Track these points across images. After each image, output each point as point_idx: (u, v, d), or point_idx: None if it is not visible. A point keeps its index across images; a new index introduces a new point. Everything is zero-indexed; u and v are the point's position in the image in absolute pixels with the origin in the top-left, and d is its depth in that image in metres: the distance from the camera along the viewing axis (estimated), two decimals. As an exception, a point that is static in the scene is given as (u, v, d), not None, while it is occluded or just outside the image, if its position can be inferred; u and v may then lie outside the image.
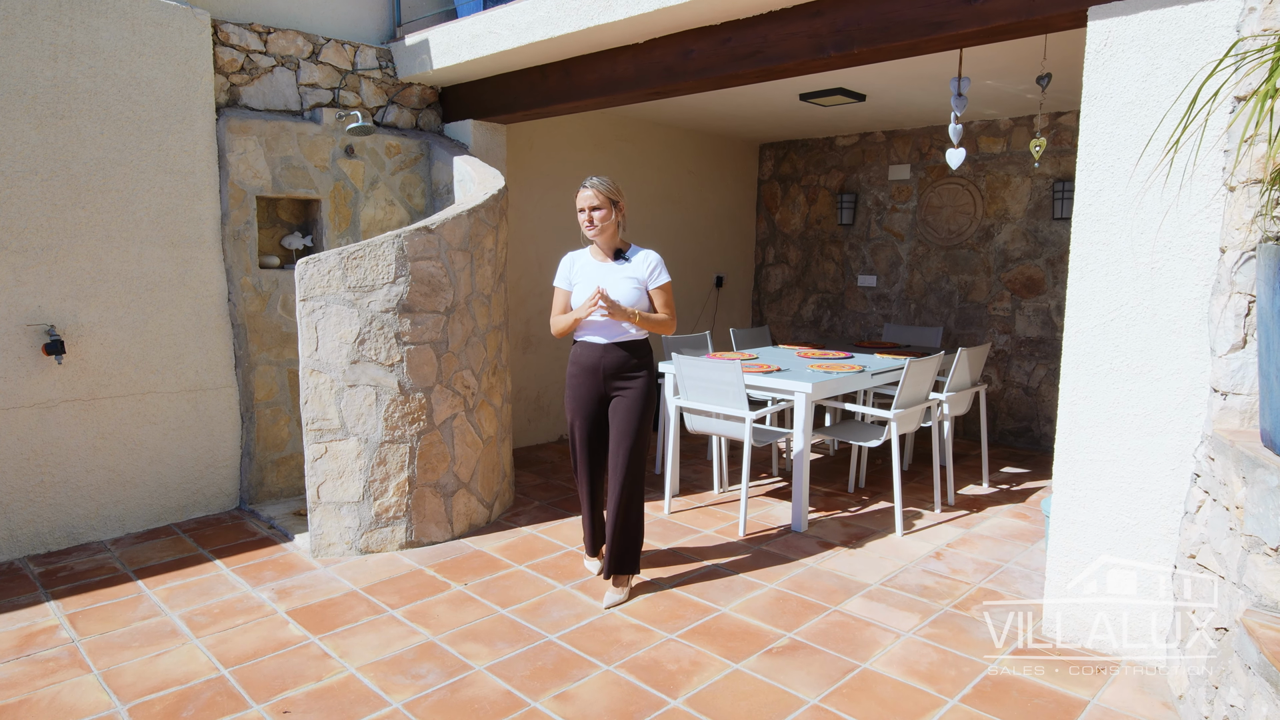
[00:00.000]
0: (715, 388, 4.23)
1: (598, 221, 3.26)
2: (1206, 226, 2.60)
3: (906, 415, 4.29)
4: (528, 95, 4.81)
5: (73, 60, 3.83)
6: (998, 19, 2.98)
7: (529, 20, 4.15)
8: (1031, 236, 6.14)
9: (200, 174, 4.28)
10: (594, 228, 3.27)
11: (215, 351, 4.41)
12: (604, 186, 3.26)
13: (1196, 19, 2.56)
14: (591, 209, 3.26)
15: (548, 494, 4.90)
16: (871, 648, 2.99)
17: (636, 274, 3.30)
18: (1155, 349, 2.73)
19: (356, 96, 4.94)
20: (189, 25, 4.19)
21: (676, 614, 3.26)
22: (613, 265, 3.32)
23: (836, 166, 7.31)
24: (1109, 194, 2.79)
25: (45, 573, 3.66)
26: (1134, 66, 2.70)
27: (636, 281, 3.29)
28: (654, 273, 3.31)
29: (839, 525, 4.36)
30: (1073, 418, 2.96)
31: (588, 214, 3.26)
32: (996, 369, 6.37)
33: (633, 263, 3.32)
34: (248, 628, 3.13)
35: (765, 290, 7.96)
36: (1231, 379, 2.45)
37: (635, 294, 3.27)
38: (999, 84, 5.04)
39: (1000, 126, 6.23)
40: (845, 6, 3.38)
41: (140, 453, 4.18)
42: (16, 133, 3.70)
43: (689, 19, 3.76)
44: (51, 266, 3.84)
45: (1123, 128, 2.74)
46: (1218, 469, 2.40)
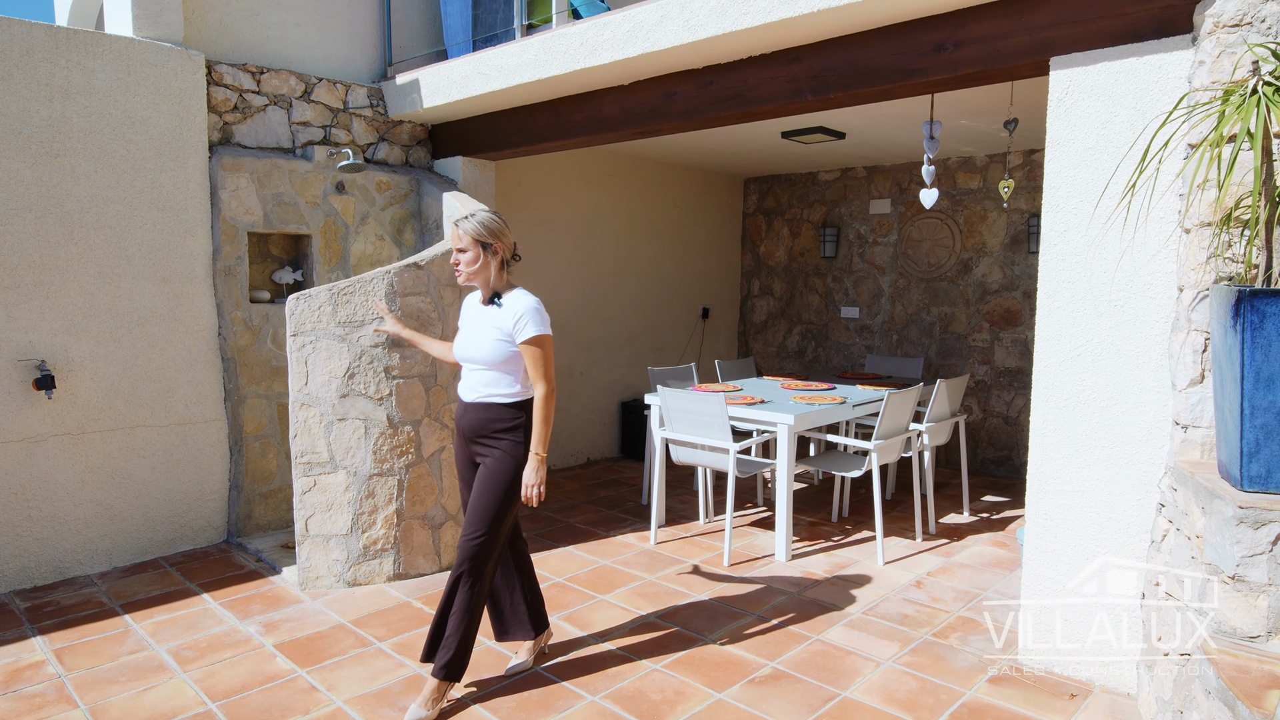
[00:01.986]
0: (700, 419, 4.31)
1: (463, 267, 2.82)
2: (1164, 266, 2.71)
3: (887, 446, 4.38)
4: (516, 134, 4.93)
5: (69, 100, 3.92)
6: (965, 67, 3.12)
7: (517, 62, 4.28)
8: (1008, 269, 6.29)
9: (193, 210, 4.36)
10: (459, 274, 2.84)
11: (205, 385, 4.45)
12: (470, 227, 2.79)
13: (1151, 70, 2.70)
14: (459, 251, 2.82)
15: (535, 525, 4.93)
16: (852, 676, 3.04)
17: (502, 324, 2.78)
18: (1119, 383, 2.83)
19: (348, 134, 5.04)
20: (184, 66, 4.29)
21: (661, 644, 3.31)
22: (484, 310, 2.88)
23: (819, 201, 7.47)
24: (1072, 234, 2.91)
25: (31, 608, 3.66)
26: (1094, 114, 2.83)
27: (501, 333, 2.78)
28: (520, 324, 2.75)
29: (822, 555, 4.42)
30: (1043, 449, 3.05)
31: (455, 257, 2.84)
32: (977, 399, 6.48)
33: (502, 310, 2.81)
34: (235, 661, 3.15)
35: (751, 321, 8.08)
36: (1191, 412, 2.55)
37: (499, 347, 2.77)
38: (973, 123, 5.21)
39: (977, 163, 6.40)
40: (822, 53, 3.52)
41: (128, 486, 4.20)
42: (11, 171, 3.77)
43: (672, 63, 3.90)
44: (44, 302, 3.89)
45: (1084, 171, 2.86)
46: (1180, 499, 2.50)
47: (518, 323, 2.76)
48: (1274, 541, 2.05)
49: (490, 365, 2.81)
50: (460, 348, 2.92)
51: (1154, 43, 2.68)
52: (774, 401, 4.62)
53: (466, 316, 2.97)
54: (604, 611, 3.63)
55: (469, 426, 2.87)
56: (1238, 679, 1.96)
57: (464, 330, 2.93)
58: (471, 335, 2.87)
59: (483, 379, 2.83)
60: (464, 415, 2.90)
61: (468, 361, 2.88)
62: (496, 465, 2.80)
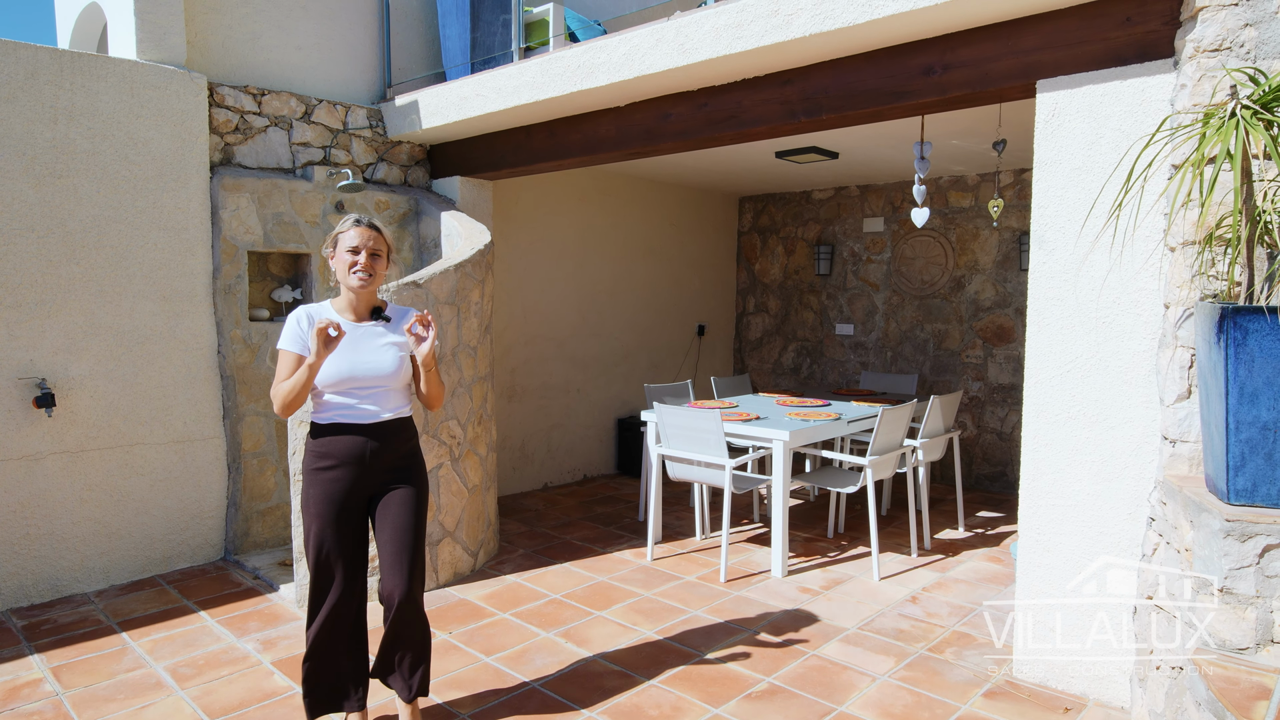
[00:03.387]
0: (696, 436, 4.34)
1: (378, 271, 2.60)
2: (1151, 284, 2.77)
3: (881, 462, 4.41)
4: (513, 154, 5.00)
5: (72, 122, 3.97)
6: (955, 89, 3.19)
7: (515, 84, 4.35)
8: (1000, 287, 6.35)
9: (193, 230, 4.40)
10: (369, 277, 2.57)
11: (204, 403, 4.47)
12: (382, 228, 2.65)
13: (1135, 93, 2.77)
14: (371, 253, 2.58)
15: (532, 542, 4.95)
16: (848, 691, 3.06)
17: (398, 338, 2.64)
18: (1109, 399, 2.88)
19: (347, 154, 5.10)
20: (186, 88, 4.35)
21: (658, 659, 3.32)
22: (369, 328, 2.62)
23: (813, 219, 7.55)
24: (1061, 253, 2.96)
25: (29, 625, 3.66)
26: (1080, 135, 2.90)
27: (403, 349, 2.63)
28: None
29: (818, 570, 4.43)
30: (1035, 464, 3.09)
31: (365, 258, 2.56)
32: (971, 415, 6.52)
33: (392, 323, 2.65)
34: (233, 679, 3.15)
35: (747, 338, 8.13)
36: (1179, 427, 2.60)
37: (404, 363, 2.63)
38: (964, 143, 5.28)
39: (968, 182, 6.48)
40: (814, 76, 3.59)
41: (127, 504, 4.22)
42: (15, 192, 3.81)
43: (667, 85, 3.97)
44: (45, 321, 3.92)
45: (1071, 191, 2.92)
46: (1169, 513, 2.53)
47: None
48: (1261, 554, 2.09)
49: (397, 381, 2.62)
50: (355, 368, 2.55)
51: (1137, 66, 2.75)
52: (769, 418, 4.65)
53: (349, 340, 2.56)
54: (600, 628, 3.65)
55: (383, 449, 2.59)
56: (1227, 690, 1.99)
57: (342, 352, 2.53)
58: (365, 355, 2.57)
59: (392, 398, 2.62)
60: (373, 439, 2.57)
61: (371, 381, 2.56)
62: (421, 483, 2.68)
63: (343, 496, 2.56)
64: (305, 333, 2.55)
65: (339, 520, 2.57)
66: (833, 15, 3.11)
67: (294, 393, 2.45)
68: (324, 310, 2.64)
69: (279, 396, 2.48)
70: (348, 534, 2.59)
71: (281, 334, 2.59)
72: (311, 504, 2.57)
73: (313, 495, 2.56)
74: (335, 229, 2.65)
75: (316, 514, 2.56)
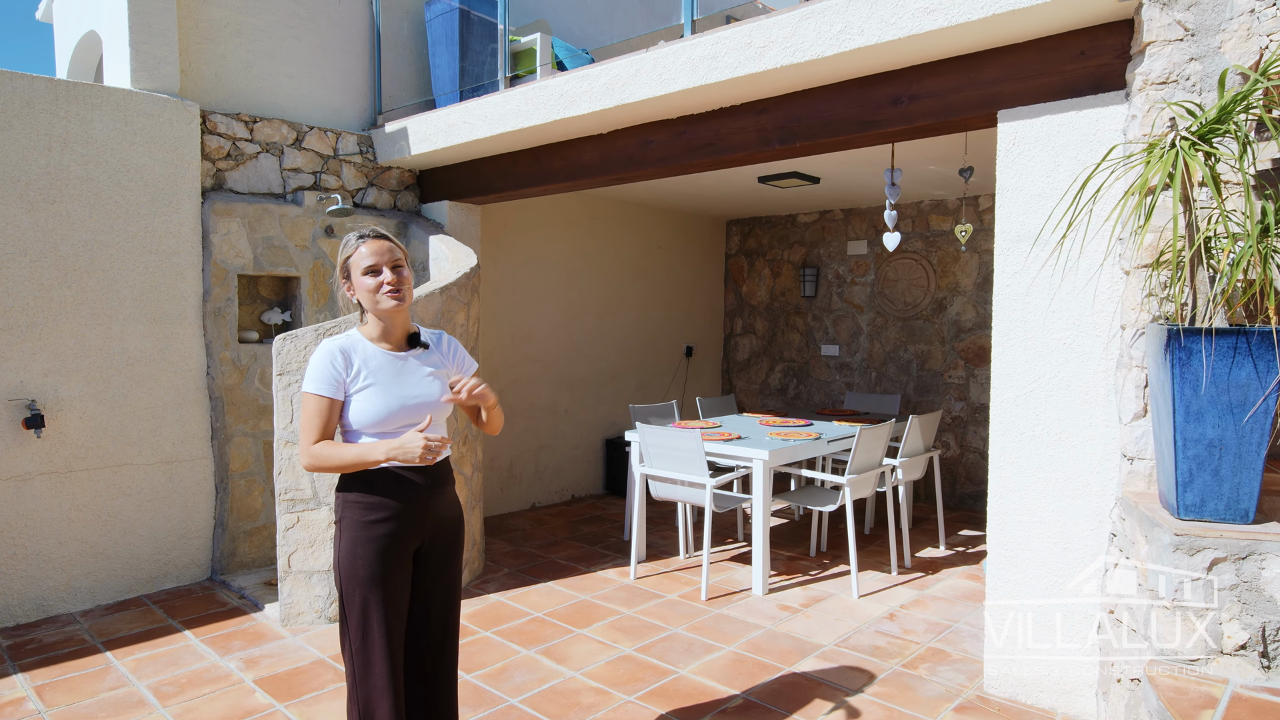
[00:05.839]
0: (678, 455, 4.41)
1: (407, 284, 2.20)
2: (1109, 306, 2.86)
3: (860, 480, 4.47)
4: (500, 179, 5.11)
5: (66, 149, 4.07)
6: (920, 119, 3.30)
7: (501, 112, 4.46)
8: (980, 308, 6.46)
9: (184, 254, 4.49)
10: (401, 295, 2.17)
11: (192, 424, 4.53)
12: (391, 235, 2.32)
13: (1090, 123, 2.88)
14: (393, 265, 2.18)
15: (517, 561, 4.99)
16: (821, 707, 3.11)
17: (439, 365, 2.28)
18: (1071, 418, 2.96)
19: (337, 179, 5.20)
20: (179, 116, 4.45)
21: (636, 676, 3.36)
22: (413, 359, 2.23)
23: (799, 242, 7.66)
24: (1023, 275, 3.06)
25: (13, 645, 3.69)
26: (1039, 163, 3.00)
27: (440, 377, 2.25)
28: (464, 358, 2.38)
29: (799, 588, 4.48)
30: (1002, 482, 3.16)
31: (391, 274, 2.16)
32: (955, 434, 6.60)
33: (431, 350, 2.28)
34: (214, 697, 3.19)
35: (734, 359, 8.22)
36: (1136, 445, 2.68)
37: (444, 392, 2.22)
38: (940, 169, 5.41)
39: (949, 205, 6.61)
40: (787, 105, 3.71)
41: (113, 524, 4.26)
42: (8, 216, 3.89)
43: (647, 114, 4.08)
44: (36, 343, 3.99)
45: (1032, 216, 3.02)
46: (1127, 529, 2.60)
47: (458, 355, 2.35)
48: (1209, 566, 2.16)
49: (443, 412, 2.25)
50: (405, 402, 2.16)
51: (1092, 98, 2.87)
52: (750, 438, 4.72)
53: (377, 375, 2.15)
54: (581, 645, 3.69)
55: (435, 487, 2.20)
56: (1175, 700, 2.05)
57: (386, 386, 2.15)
58: (411, 389, 2.18)
59: (440, 430, 2.23)
60: (427, 478, 2.17)
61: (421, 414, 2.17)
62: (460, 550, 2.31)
63: (401, 552, 2.14)
64: (340, 372, 2.12)
65: (397, 585, 2.14)
66: (803, 48, 3.23)
67: (338, 467, 2.07)
68: (356, 343, 2.19)
69: (315, 459, 2.07)
70: (404, 598, 2.18)
71: (307, 373, 2.13)
72: (362, 566, 2.08)
73: (363, 555, 2.08)
74: (340, 255, 2.23)
75: (369, 578, 2.09)
